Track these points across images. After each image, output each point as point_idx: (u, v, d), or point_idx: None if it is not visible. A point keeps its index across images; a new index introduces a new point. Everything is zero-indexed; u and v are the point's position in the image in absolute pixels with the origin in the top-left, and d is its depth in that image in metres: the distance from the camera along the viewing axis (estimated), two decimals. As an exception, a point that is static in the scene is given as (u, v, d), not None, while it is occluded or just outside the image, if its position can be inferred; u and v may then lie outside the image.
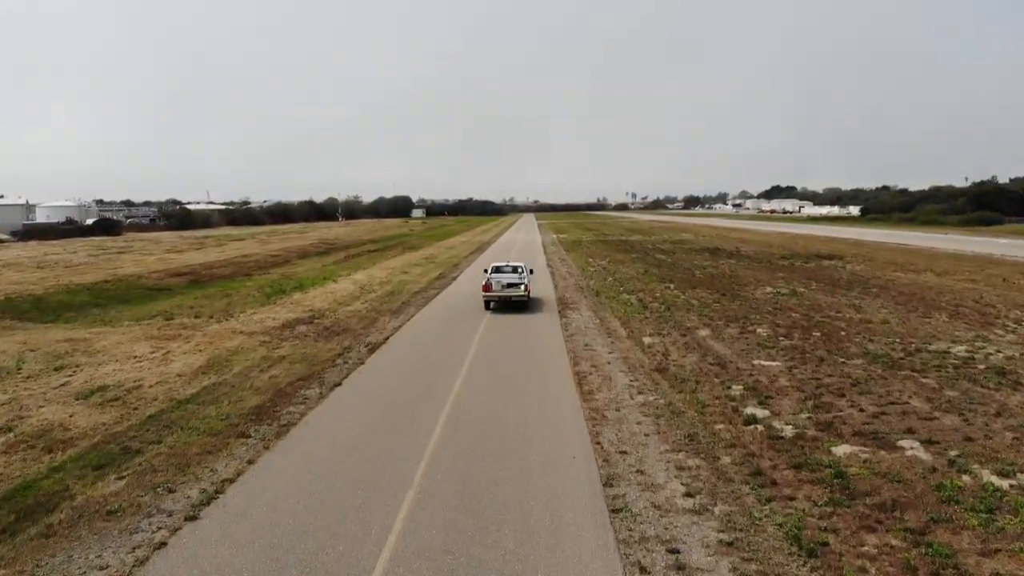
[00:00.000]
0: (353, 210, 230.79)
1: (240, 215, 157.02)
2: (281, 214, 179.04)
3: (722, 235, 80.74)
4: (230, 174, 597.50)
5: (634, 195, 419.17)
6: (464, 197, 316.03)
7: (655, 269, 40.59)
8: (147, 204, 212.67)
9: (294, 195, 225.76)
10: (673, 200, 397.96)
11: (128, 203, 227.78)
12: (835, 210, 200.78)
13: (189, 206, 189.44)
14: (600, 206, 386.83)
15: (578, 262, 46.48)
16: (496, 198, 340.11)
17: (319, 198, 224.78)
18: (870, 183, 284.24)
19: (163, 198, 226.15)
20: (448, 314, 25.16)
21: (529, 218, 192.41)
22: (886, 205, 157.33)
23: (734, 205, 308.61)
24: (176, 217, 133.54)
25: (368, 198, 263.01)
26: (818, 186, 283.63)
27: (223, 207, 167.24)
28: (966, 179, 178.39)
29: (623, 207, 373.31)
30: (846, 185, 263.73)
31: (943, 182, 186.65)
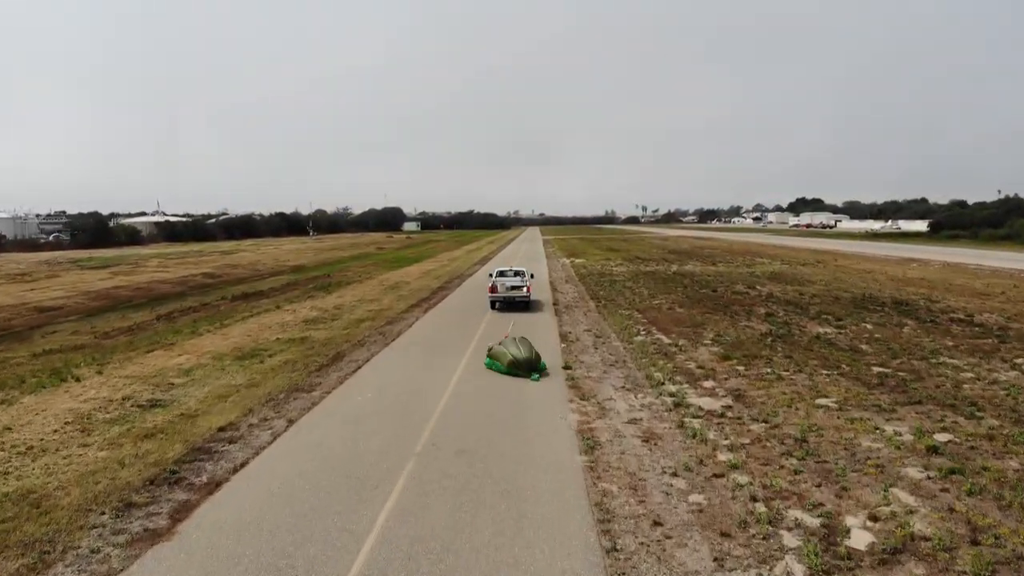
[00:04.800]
0: (338, 223, 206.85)
1: (184, 230, 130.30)
2: (242, 228, 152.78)
3: (825, 262, 52.80)
4: (227, 184, 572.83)
5: (644, 208, 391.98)
6: (466, 209, 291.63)
7: (917, 415, 12.91)
8: (113, 216, 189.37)
9: (288, 207, 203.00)
10: (685, 213, 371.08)
11: (95, 215, 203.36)
12: (888, 225, 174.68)
13: (140, 218, 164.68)
14: (609, 219, 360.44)
15: (647, 362, 18.50)
16: (501, 211, 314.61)
17: (309, 210, 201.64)
18: (884, 196, 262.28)
19: (142, 210, 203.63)
20: None
21: (533, 233, 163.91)
22: (965, 218, 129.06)
23: (754, 219, 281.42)
24: (89, 232, 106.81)
25: (362, 209, 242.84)
26: (836, 199, 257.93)
27: (162, 220, 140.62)
28: (999, 192, 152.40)
29: (633, 220, 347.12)
30: (865, 198, 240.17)
31: (966, 194, 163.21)
